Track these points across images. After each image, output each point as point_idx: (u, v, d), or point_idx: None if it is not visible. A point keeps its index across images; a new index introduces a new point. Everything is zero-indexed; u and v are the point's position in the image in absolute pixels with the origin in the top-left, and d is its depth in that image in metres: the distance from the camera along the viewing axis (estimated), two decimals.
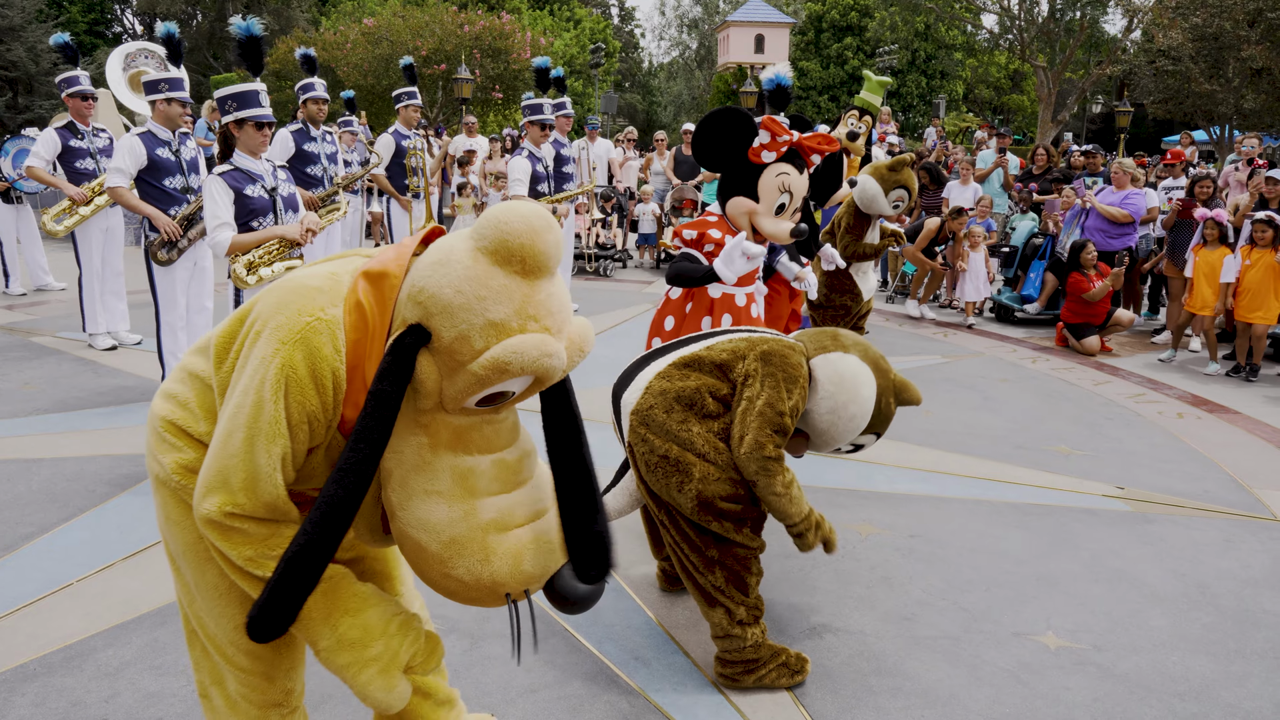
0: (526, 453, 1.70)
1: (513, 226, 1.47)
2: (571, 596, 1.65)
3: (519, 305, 1.48)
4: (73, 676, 2.72)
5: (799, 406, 2.60)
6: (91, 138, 6.96)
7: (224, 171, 4.37)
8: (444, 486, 1.56)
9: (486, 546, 1.56)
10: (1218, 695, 2.84)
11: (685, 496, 2.59)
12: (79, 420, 5.14)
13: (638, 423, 2.69)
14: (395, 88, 9.23)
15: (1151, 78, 21.94)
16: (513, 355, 1.45)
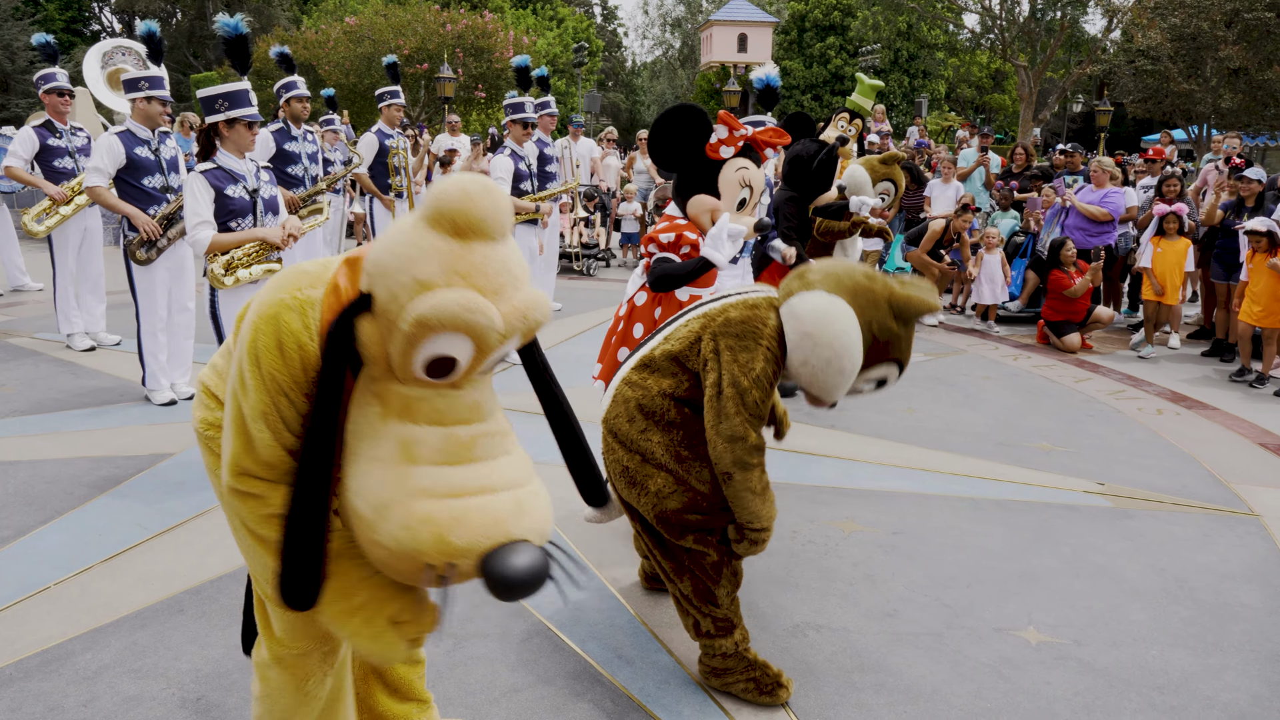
0: (489, 434, 1.66)
1: (446, 190, 1.52)
2: (503, 578, 1.53)
3: (448, 264, 1.50)
4: (50, 681, 2.69)
5: (769, 369, 2.40)
6: (70, 136, 6.88)
7: (206, 170, 4.33)
8: (386, 453, 1.57)
9: (411, 511, 1.52)
10: (1196, 688, 2.87)
11: (644, 508, 2.55)
12: (57, 422, 5.09)
13: (606, 432, 2.66)
14: (377, 87, 9.20)
15: (1131, 77, 22.15)
16: (431, 309, 1.47)
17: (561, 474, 2.03)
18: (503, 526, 1.56)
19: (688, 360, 2.51)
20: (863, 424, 5.52)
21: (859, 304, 2.37)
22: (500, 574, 1.53)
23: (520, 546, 1.56)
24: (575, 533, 3.79)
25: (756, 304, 2.48)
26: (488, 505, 1.57)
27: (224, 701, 2.62)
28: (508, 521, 1.57)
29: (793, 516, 4.02)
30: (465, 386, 1.63)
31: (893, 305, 2.38)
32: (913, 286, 2.40)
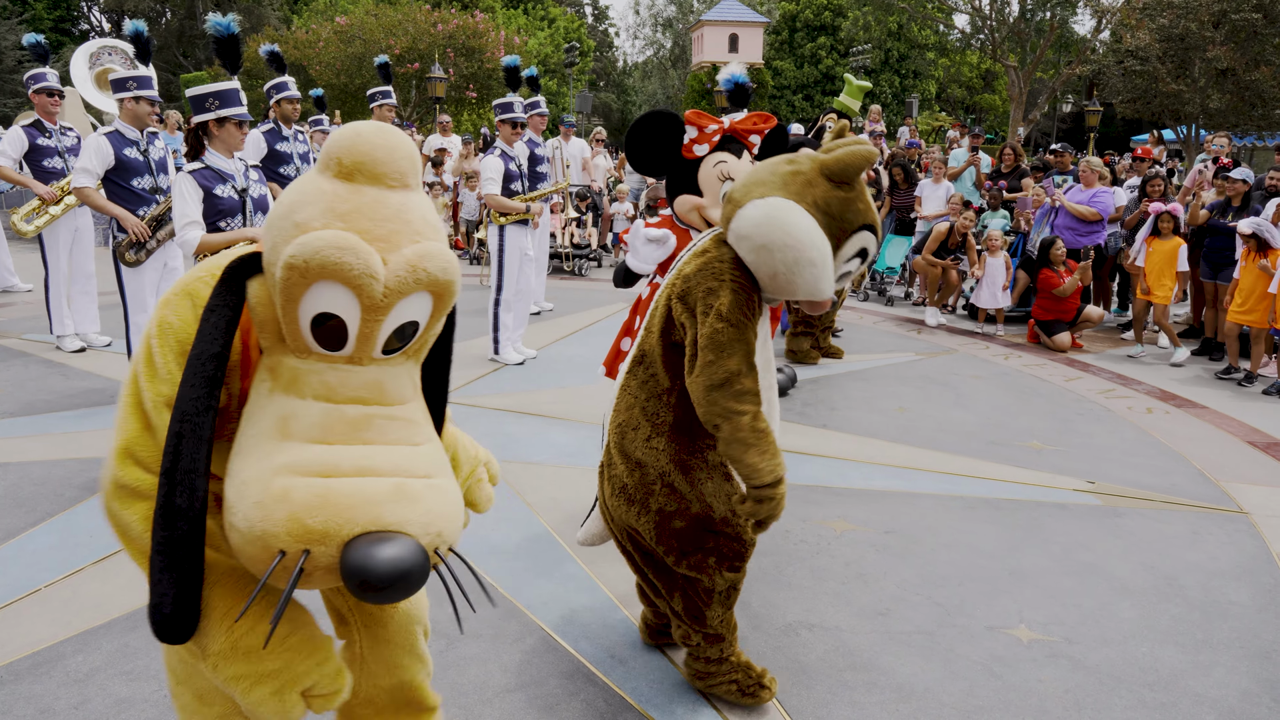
0: (390, 419, 1.45)
1: (339, 134, 1.41)
2: (360, 570, 1.28)
3: (328, 205, 1.36)
4: (40, 683, 2.68)
5: (739, 299, 2.24)
6: (59, 136, 6.85)
7: (194, 170, 4.31)
8: (262, 428, 1.40)
9: (269, 488, 1.32)
10: (1186, 685, 2.89)
11: (644, 528, 2.45)
12: (47, 423, 5.06)
13: (612, 444, 2.53)
14: (368, 87, 9.18)
15: (1120, 78, 22.25)
16: (298, 248, 1.32)
17: (555, 474, 2.02)
18: (372, 510, 1.33)
19: (673, 336, 2.37)
20: (854, 423, 5.53)
21: (794, 191, 2.25)
22: (357, 565, 1.28)
23: (390, 535, 1.32)
24: (569, 534, 3.79)
25: (705, 248, 2.38)
26: (359, 487, 1.35)
27: None
28: (380, 506, 1.34)
29: (785, 516, 4.03)
30: (367, 363, 1.44)
31: (828, 174, 2.27)
32: (839, 148, 2.27)
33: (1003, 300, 8.62)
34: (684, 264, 2.41)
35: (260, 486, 1.33)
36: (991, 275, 8.59)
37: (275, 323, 1.42)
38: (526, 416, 5.47)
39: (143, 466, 1.47)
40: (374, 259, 1.34)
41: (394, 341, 1.45)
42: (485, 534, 3.76)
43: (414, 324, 1.45)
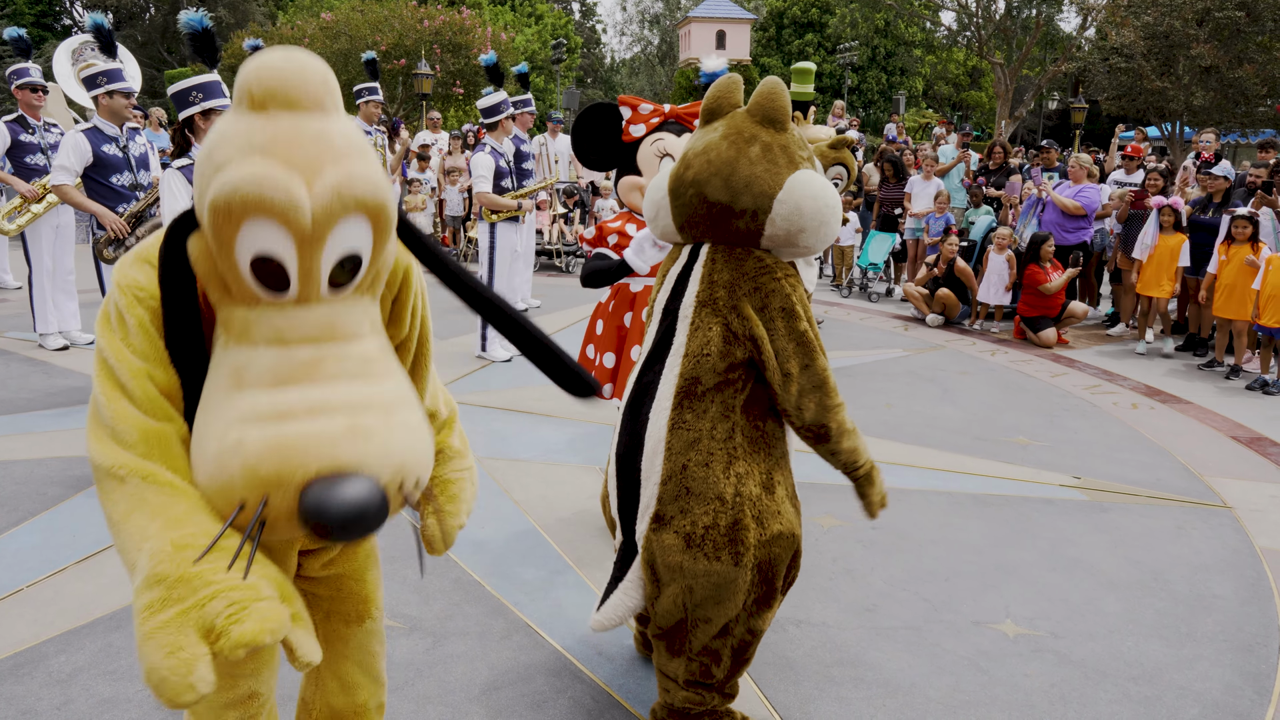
0: (344, 358, 1.40)
1: (246, 65, 1.32)
2: (316, 511, 1.26)
3: (244, 139, 1.29)
4: (23, 684, 2.66)
5: (798, 290, 2.21)
6: (43, 133, 6.78)
7: (183, 166, 4.26)
8: (218, 382, 1.37)
9: (224, 440, 1.30)
10: (1170, 678, 2.90)
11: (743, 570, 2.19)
12: (28, 422, 5.02)
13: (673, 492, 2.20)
14: (354, 83, 9.14)
15: (1105, 75, 22.35)
16: (218, 188, 1.26)
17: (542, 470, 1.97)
18: (326, 451, 1.30)
19: (736, 354, 2.19)
20: None
21: (788, 161, 2.19)
22: (313, 507, 1.25)
23: (348, 478, 1.29)
24: (556, 531, 3.78)
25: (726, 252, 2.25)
26: (312, 429, 1.31)
27: None
28: (335, 445, 1.30)
29: None
30: (315, 302, 1.38)
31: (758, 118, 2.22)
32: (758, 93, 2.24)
33: (1004, 297, 8.63)
34: (713, 274, 2.22)
35: (217, 440, 1.31)
36: (995, 272, 8.58)
37: (219, 275, 1.36)
38: (514, 414, 5.45)
39: (118, 439, 1.38)
40: (295, 186, 1.27)
41: (340, 275, 1.38)
42: (472, 531, 3.75)
43: (355, 256, 1.38)
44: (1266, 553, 3.85)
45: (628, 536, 2.35)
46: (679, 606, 2.25)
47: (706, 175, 2.20)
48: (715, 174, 2.18)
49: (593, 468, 4.53)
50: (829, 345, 7.55)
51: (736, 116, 2.26)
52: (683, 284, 2.29)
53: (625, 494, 2.32)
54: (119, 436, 1.37)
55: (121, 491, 1.35)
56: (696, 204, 2.23)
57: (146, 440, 1.37)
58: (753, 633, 2.32)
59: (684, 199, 2.25)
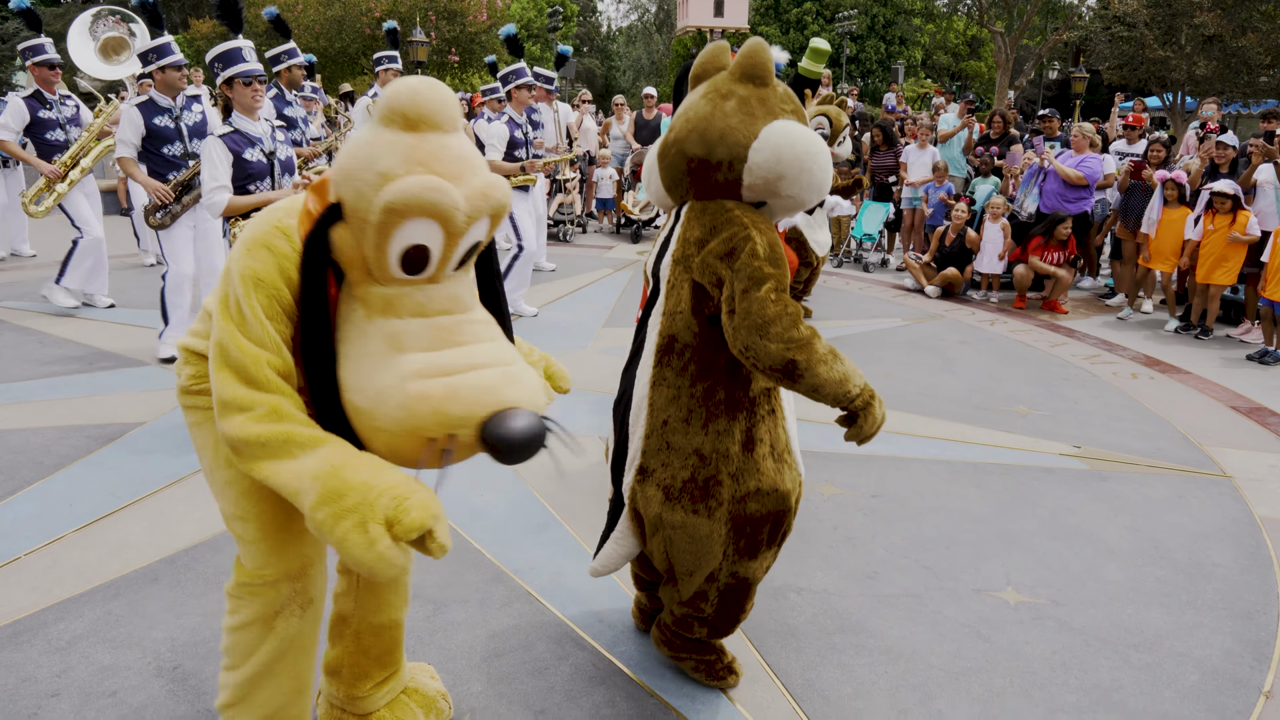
0: (473, 322, 1.74)
1: (395, 89, 1.62)
2: (502, 439, 1.58)
3: (405, 154, 1.59)
4: (22, 652, 2.65)
5: (768, 235, 2.16)
6: (60, 107, 6.78)
7: (224, 134, 4.45)
8: (375, 349, 1.64)
9: (407, 392, 1.59)
10: (1170, 645, 2.91)
11: (716, 524, 2.27)
12: (24, 391, 4.99)
13: (654, 445, 2.30)
14: (348, 51, 9.07)
15: (1107, 44, 22.17)
16: (397, 193, 1.55)
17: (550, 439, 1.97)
18: (497, 394, 1.62)
19: (708, 308, 2.21)
20: None
21: (767, 111, 2.21)
22: (500, 435, 1.58)
23: (516, 411, 1.61)
24: (556, 499, 3.77)
25: (698, 209, 2.27)
26: (479, 379, 1.63)
27: (201, 670, 2.59)
28: (501, 390, 1.63)
29: None
30: (442, 280, 1.70)
31: (737, 75, 2.25)
32: (740, 52, 2.28)
33: (999, 265, 8.59)
34: (684, 230, 2.27)
35: (398, 392, 1.59)
36: (990, 241, 8.54)
37: (361, 260, 1.64)
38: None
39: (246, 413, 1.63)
40: (458, 194, 1.60)
41: (460, 262, 1.71)
42: (471, 498, 3.74)
43: (478, 244, 1.73)
44: (1266, 521, 3.86)
45: (617, 487, 2.48)
46: (663, 555, 2.38)
47: (685, 133, 2.26)
48: (693, 130, 2.24)
49: (592, 436, 4.51)
50: (826, 315, 7.54)
51: (718, 78, 2.32)
52: (665, 245, 2.38)
53: (617, 446, 2.45)
54: (246, 410, 1.63)
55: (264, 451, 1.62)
56: (679, 162, 2.29)
57: (272, 412, 1.64)
58: (737, 578, 2.38)
59: (668, 159, 2.32)
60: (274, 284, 1.67)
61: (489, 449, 1.62)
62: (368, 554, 1.52)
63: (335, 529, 1.54)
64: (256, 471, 1.64)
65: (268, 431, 1.63)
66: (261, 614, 1.94)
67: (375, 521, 1.53)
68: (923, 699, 2.59)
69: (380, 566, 1.54)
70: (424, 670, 2.48)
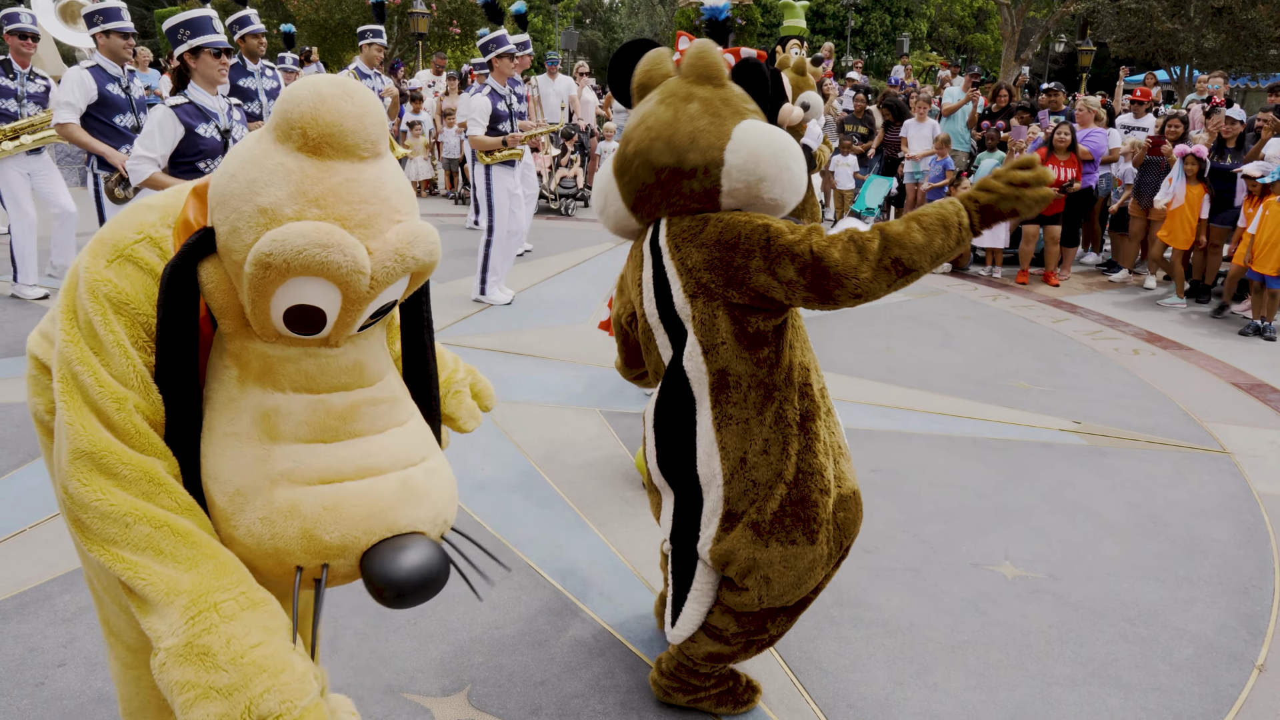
0: (373, 401, 1.37)
1: (295, 94, 1.22)
2: (388, 581, 1.26)
3: (296, 187, 1.21)
4: (28, 623, 2.68)
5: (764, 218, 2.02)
6: (25, 81, 6.55)
7: (177, 105, 4.17)
8: (243, 428, 1.29)
9: (272, 502, 1.25)
10: (1166, 619, 2.93)
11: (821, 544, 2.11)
12: (26, 365, 4.98)
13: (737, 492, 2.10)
14: (348, 22, 8.99)
15: (1114, 16, 21.91)
16: (273, 245, 1.16)
17: (542, 413, 1.98)
18: (386, 517, 1.29)
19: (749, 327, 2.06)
20: (842, 363, 5.52)
21: (731, 112, 2.07)
22: (384, 577, 1.26)
23: (409, 540, 1.30)
24: (556, 473, 3.79)
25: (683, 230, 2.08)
26: (367, 491, 1.29)
27: None
28: (393, 511, 1.30)
29: None
30: (342, 344, 1.33)
31: (691, 78, 2.11)
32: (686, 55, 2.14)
33: (1003, 240, 8.54)
34: (679, 259, 2.05)
35: (262, 499, 1.26)
36: None
37: (237, 308, 1.28)
38: (512, 356, 5.43)
39: (112, 477, 1.23)
40: (361, 253, 1.21)
41: (367, 320, 1.33)
42: (473, 472, 3.76)
43: (392, 303, 1.36)
44: (1264, 497, 3.87)
45: (680, 544, 2.24)
46: (756, 600, 2.14)
47: (648, 142, 2.05)
48: (656, 138, 2.04)
49: (593, 410, 4.52)
50: None
51: (670, 82, 2.16)
52: (663, 285, 2.10)
53: (682, 500, 2.19)
54: (112, 473, 1.24)
55: (128, 537, 1.23)
56: (644, 174, 2.07)
57: (145, 478, 1.25)
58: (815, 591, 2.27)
59: (630, 173, 2.10)
60: (139, 308, 1.28)
61: (371, 589, 1.28)
62: None
63: (191, 707, 1.17)
64: (104, 557, 1.23)
65: (138, 510, 1.23)
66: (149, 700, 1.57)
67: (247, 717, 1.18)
68: (919, 671, 2.62)
69: None
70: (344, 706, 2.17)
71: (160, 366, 1.28)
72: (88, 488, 1.23)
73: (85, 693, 2.39)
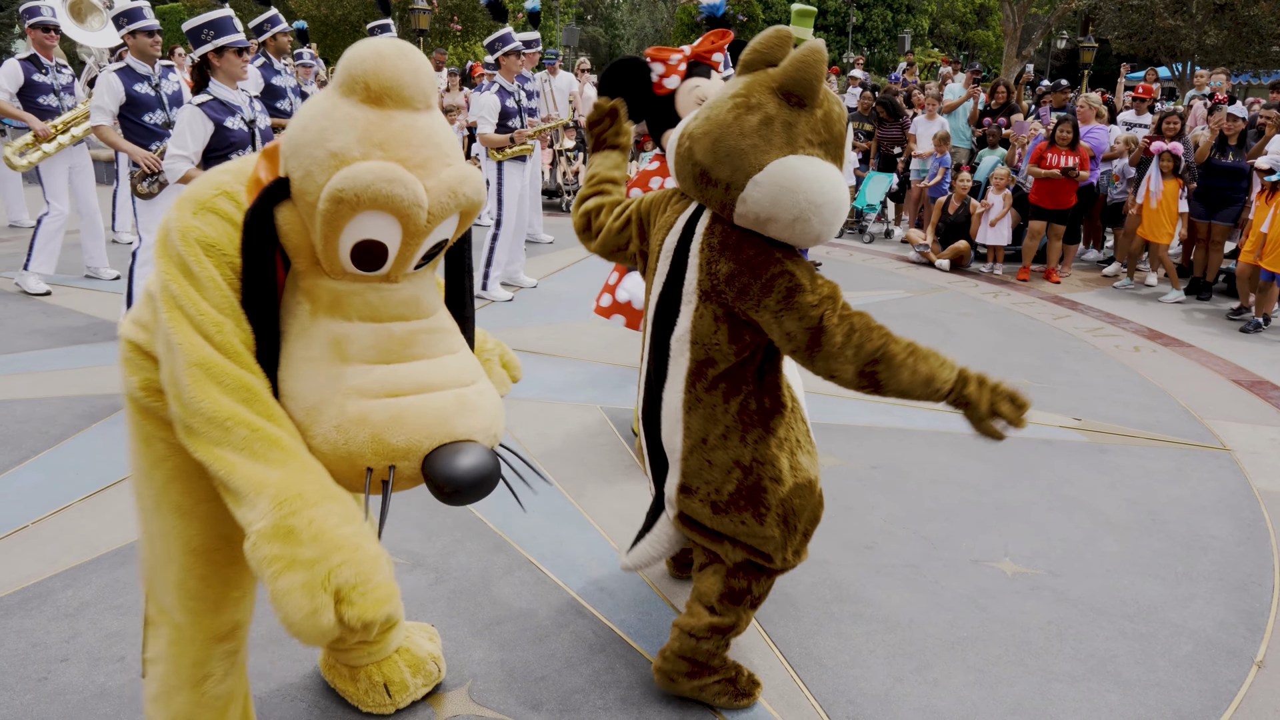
0: (429, 331, 1.55)
1: (358, 53, 1.40)
2: (448, 479, 1.41)
3: (362, 133, 1.39)
4: (31, 618, 2.69)
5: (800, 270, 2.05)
6: (55, 73, 6.67)
7: (203, 102, 4.36)
8: (316, 353, 1.46)
9: (344, 412, 1.42)
10: (1165, 616, 2.94)
11: (768, 528, 2.22)
12: (29, 361, 5.01)
13: (696, 466, 2.23)
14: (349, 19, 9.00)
15: (1116, 13, 21.89)
16: (346, 181, 1.35)
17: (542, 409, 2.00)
18: (445, 425, 1.45)
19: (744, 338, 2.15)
20: None
21: (783, 142, 2.00)
22: (445, 475, 1.41)
23: (465, 446, 1.45)
24: (557, 469, 3.80)
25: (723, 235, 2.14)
26: (428, 403, 1.46)
27: None
28: (451, 419, 1.46)
29: None
30: (401, 280, 1.52)
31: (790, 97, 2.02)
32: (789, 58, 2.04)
33: (1006, 237, 8.53)
34: (709, 254, 2.12)
35: (335, 410, 1.42)
36: (992, 212, 8.47)
37: (309, 248, 1.45)
38: (536, 356, 5.43)
39: (217, 384, 1.40)
40: (420, 189, 1.39)
41: (420, 261, 1.52)
42: None
43: (444, 241, 1.54)
44: (1264, 494, 3.87)
45: (659, 490, 2.39)
46: (735, 546, 2.28)
47: (701, 132, 2.07)
48: (707, 133, 2.06)
49: (592, 406, 4.53)
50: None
51: (759, 77, 2.07)
52: (683, 256, 2.18)
53: (654, 457, 2.36)
54: (217, 380, 1.40)
55: (228, 439, 1.39)
56: (685, 159, 2.11)
57: (243, 389, 1.42)
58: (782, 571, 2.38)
59: (680, 151, 2.14)
60: (225, 251, 1.45)
61: (432, 487, 1.44)
62: (304, 622, 1.31)
63: (278, 578, 1.32)
64: (208, 456, 1.40)
65: (237, 416, 1.40)
66: (190, 679, 1.79)
67: (326, 591, 1.32)
68: (919, 667, 2.63)
69: (308, 635, 1.32)
70: (423, 631, 2.48)
71: (246, 301, 1.45)
72: (199, 394, 1.40)
73: (88, 687, 2.40)
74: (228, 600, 1.79)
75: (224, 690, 1.86)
